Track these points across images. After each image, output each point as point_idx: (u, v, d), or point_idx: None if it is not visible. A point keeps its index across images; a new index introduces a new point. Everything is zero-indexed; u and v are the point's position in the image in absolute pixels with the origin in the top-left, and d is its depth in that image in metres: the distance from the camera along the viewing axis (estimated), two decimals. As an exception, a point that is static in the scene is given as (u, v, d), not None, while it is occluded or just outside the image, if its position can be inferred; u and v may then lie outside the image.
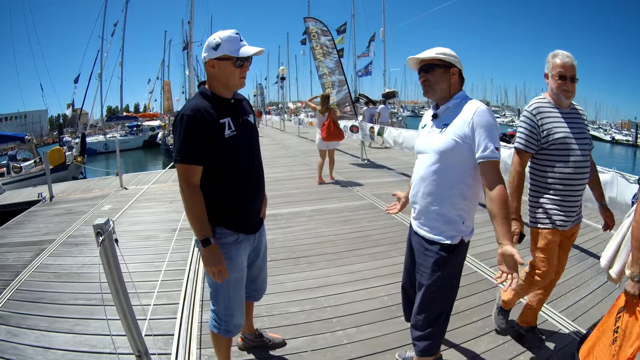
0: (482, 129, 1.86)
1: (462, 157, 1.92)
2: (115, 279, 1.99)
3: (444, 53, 1.99)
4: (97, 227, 1.85)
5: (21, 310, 3.42)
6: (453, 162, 1.94)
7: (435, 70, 2.00)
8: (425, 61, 2.03)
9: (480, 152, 1.86)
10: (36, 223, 6.48)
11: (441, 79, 2.01)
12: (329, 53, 11.16)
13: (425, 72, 2.03)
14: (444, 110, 2.04)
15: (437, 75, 2.01)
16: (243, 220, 2.13)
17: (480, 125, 1.86)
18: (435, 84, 2.02)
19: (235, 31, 1.98)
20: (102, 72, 34.13)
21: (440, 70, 2.00)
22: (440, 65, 1.99)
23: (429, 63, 2.02)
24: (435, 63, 2.00)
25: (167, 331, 2.99)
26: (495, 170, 1.86)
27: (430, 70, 2.01)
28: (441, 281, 2.01)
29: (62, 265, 4.42)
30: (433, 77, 2.01)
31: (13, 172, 15.40)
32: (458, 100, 2.00)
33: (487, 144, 1.84)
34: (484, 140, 1.85)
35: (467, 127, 1.88)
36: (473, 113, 1.89)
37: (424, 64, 2.03)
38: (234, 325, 2.23)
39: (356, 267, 4.03)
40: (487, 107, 1.92)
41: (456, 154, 1.92)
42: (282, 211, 6.18)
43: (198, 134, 1.88)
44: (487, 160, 1.85)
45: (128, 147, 31.30)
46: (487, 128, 1.86)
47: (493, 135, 1.86)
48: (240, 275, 2.18)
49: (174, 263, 4.18)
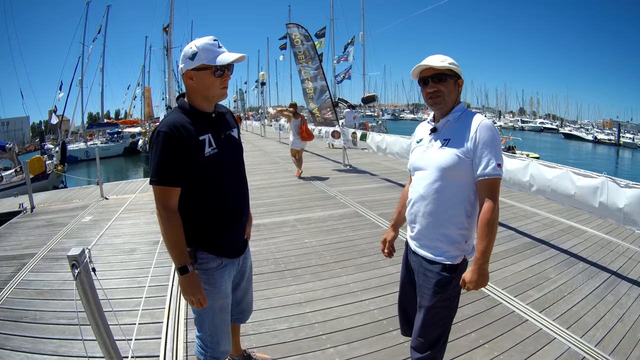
0: (485, 145, 1.77)
1: (466, 174, 1.82)
2: (94, 313, 1.90)
3: (453, 63, 1.89)
4: (72, 259, 1.74)
5: (4, 330, 3.28)
6: (456, 179, 1.84)
7: (447, 81, 1.89)
8: (436, 70, 1.89)
9: (481, 169, 1.77)
10: (17, 235, 6.29)
11: (453, 91, 1.91)
12: (312, 59, 11.08)
13: (437, 83, 1.89)
14: (443, 123, 1.94)
15: (450, 87, 1.90)
16: (227, 244, 2.00)
17: (484, 141, 1.78)
18: (447, 96, 1.90)
19: (212, 38, 1.84)
20: (82, 79, 33.68)
21: (452, 81, 1.90)
22: (452, 75, 1.89)
23: (441, 73, 1.89)
24: (447, 73, 1.88)
25: (152, 352, 2.87)
26: (493, 189, 1.78)
27: (442, 81, 1.89)
28: (443, 302, 1.92)
29: (44, 281, 4.28)
30: (446, 88, 1.89)
31: (-7, 181, 15.07)
32: (458, 114, 1.91)
33: (489, 160, 1.76)
34: (486, 157, 1.77)
35: (470, 142, 1.80)
36: (477, 127, 1.80)
37: (435, 73, 1.89)
38: (220, 352, 2.10)
39: (343, 280, 3.93)
40: (490, 122, 1.84)
41: (459, 170, 1.82)
42: (265, 221, 6.05)
43: (175, 153, 1.75)
44: (488, 178, 1.77)
45: (109, 155, 31.02)
46: (489, 143, 1.77)
47: (496, 151, 1.78)
48: (225, 301, 2.05)
49: (156, 278, 4.05)
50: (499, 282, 3.80)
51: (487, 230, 1.75)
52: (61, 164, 18.49)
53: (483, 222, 1.76)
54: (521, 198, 6.91)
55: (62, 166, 18.39)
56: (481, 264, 1.76)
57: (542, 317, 3.18)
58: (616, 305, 3.39)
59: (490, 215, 1.75)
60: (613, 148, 43.12)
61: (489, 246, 1.76)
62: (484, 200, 1.78)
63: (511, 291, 3.61)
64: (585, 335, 2.94)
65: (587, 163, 28.77)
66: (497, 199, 1.78)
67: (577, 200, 4.39)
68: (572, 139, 50.98)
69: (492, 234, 1.75)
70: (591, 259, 4.37)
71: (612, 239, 5.01)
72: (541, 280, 3.84)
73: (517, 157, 5.68)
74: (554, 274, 3.99)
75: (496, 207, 1.76)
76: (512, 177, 5.42)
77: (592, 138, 48.55)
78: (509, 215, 6.06)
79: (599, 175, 4.15)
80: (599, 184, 4.08)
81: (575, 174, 4.42)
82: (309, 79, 11.34)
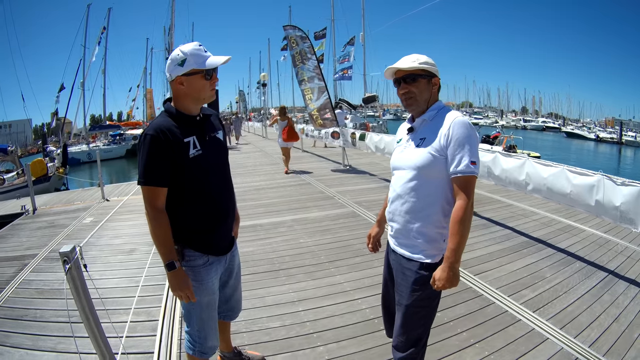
0: (458, 142, 1.76)
1: (441, 172, 1.81)
2: (85, 307, 1.94)
3: (426, 62, 1.88)
4: (63, 255, 1.80)
5: (4, 327, 3.34)
6: (431, 177, 1.84)
7: (419, 81, 1.89)
8: (406, 71, 1.89)
9: (454, 167, 1.76)
10: (19, 237, 6.35)
11: (425, 90, 1.90)
12: (308, 59, 11.07)
13: (408, 84, 1.90)
14: (420, 123, 1.94)
15: (422, 87, 1.89)
16: (213, 242, 2.05)
17: (457, 138, 1.76)
18: (419, 96, 1.90)
19: (198, 43, 1.91)
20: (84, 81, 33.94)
21: (424, 80, 1.89)
22: (424, 75, 1.88)
23: (411, 73, 1.88)
24: (418, 73, 1.88)
25: (147, 349, 2.92)
26: (467, 187, 1.76)
27: (413, 82, 1.89)
28: (421, 301, 1.90)
29: (44, 281, 4.33)
30: (417, 88, 1.89)
31: (-5, 184, 15.20)
32: (435, 112, 1.91)
33: (462, 157, 1.75)
34: (459, 154, 1.75)
35: (444, 140, 1.79)
36: (450, 125, 1.79)
37: (405, 75, 1.89)
38: (208, 347, 2.16)
39: (336, 279, 3.94)
40: (465, 119, 1.82)
41: (434, 169, 1.82)
42: (262, 221, 6.07)
43: (161, 154, 1.81)
44: (461, 175, 1.76)
45: (111, 157, 31.02)
46: (463, 141, 1.75)
47: (470, 148, 1.76)
48: (212, 298, 2.10)
49: (153, 277, 4.09)
50: (493, 281, 3.79)
51: (459, 228, 1.74)
52: (63, 166, 18.59)
53: (455, 219, 1.75)
54: (520, 197, 6.89)
55: (64, 168, 18.49)
56: (452, 262, 1.75)
57: (535, 316, 3.17)
58: (612, 305, 3.37)
59: (462, 213, 1.74)
60: (615, 146, 42.93)
61: (460, 244, 1.75)
62: (457, 199, 1.77)
63: (505, 291, 3.60)
64: (579, 335, 2.92)
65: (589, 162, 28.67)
66: (471, 197, 1.76)
67: (573, 198, 4.38)
68: (574, 138, 50.80)
69: (463, 232, 1.74)
70: (588, 258, 4.35)
71: (611, 238, 4.99)
72: (536, 280, 3.82)
73: (513, 155, 5.68)
74: (550, 273, 3.98)
75: (469, 205, 1.75)
76: (508, 176, 5.42)
77: (594, 137, 48.39)
78: (507, 215, 6.04)
79: (594, 174, 4.13)
80: (595, 182, 4.07)
81: (571, 172, 4.41)
82: (306, 80, 11.34)
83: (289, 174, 10.43)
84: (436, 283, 1.78)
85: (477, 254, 4.49)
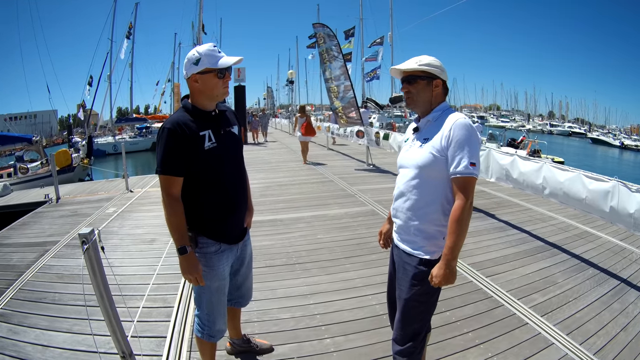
0: (458, 144, 1.81)
1: (441, 172, 1.87)
2: (99, 286, 2.03)
3: (427, 64, 1.93)
4: (82, 237, 1.90)
5: (23, 309, 3.50)
6: (432, 177, 1.90)
7: (417, 82, 1.96)
8: (406, 72, 1.98)
9: (453, 168, 1.81)
10: (41, 224, 6.54)
11: (423, 91, 1.96)
12: (335, 58, 11.11)
13: (408, 84, 1.98)
14: (424, 123, 2.00)
15: (420, 87, 1.96)
16: (224, 230, 2.17)
17: (457, 140, 1.81)
18: (417, 96, 1.98)
19: (212, 44, 2.05)
20: (111, 74, 34.58)
21: (423, 82, 1.95)
22: (423, 76, 1.94)
23: (411, 74, 1.97)
24: (417, 74, 1.95)
25: (161, 333, 3.05)
26: (466, 187, 1.81)
27: (412, 82, 1.97)
28: (420, 296, 1.97)
29: (65, 266, 4.48)
30: (415, 89, 1.97)
31: (20, 173, 15.67)
32: (439, 113, 1.96)
33: (461, 159, 1.79)
34: (459, 155, 1.80)
35: (445, 141, 1.84)
36: (451, 126, 1.84)
37: (406, 75, 1.98)
38: (216, 330, 2.28)
39: (349, 275, 4.02)
40: (466, 121, 1.87)
41: (435, 169, 1.87)
42: (282, 217, 6.19)
43: (177, 146, 1.95)
44: (460, 176, 1.81)
45: (137, 149, 31.38)
46: (463, 142, 1.80)
47: (470, 149, 1.80)
48: (222, 283, 2.22)
49: (171, 267, 4.19)
50: (505, 284, 3.80)
51: (456, 227, 1.79)
52: (87, 158, 18.94)
53: (452, 219, 1.81)
54: (539, 202, 6.81)
55: (89, 159, 18.84)
56: (448, 260, 1.81)
57: (543, 321, 3.17)
58: (621, 314, 3.33)
59: (460, 213, 1.79)
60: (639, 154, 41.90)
61: (457, 243, 1.80)
62: (456, 198, 1.83)
63: (515, 294, 3.61)
64: (585, 342, 2.90)
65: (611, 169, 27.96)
66: (470, 197, 1.81)
67: (589, 204, 4.34)
68: (599, 144, 49.68)
69: (460, 231, 1.79)
70: (602, 265, 4.31)
71: (626, 246, 4.92)
72: (547, 285, 3.81)
73: (530, 159, 5.64)
74: (562, 278, 3.96)
75: (467, 205, 1.79)
76: (526, 180, 5.39)
77: (618, 143, 47.23)
78: (525, 218, 6.00)
79: (610, 179, 4.09)
80: (610, 188, 4.03)
81: (586, 177, 4.38)
82: (333, 79, 11.37)
83: (307, 164, 11.61)
84: (433, 279, 1.85)
85: (492, 256, 4.50)
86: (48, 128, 51.31)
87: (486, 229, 5.49)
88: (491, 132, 23.26)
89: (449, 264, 1.81)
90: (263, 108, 36.14)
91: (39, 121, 49.61)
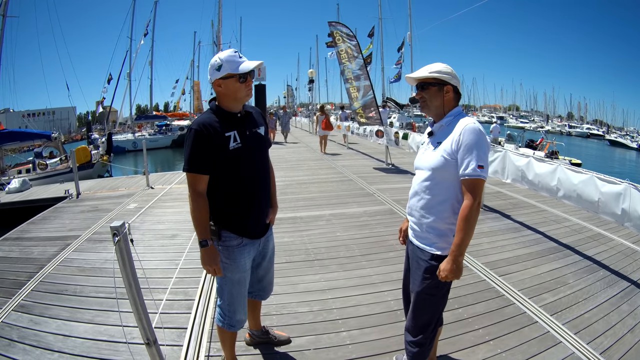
0: (467, 147, 1.92)
1: (452, 174, 1.99)
2: (129, 275, 2.14)
3: (438, 71, 2.07)
4: (113, 229, 2.02)
5: (44, 300, 3.64)
6: (444, 178, 2.03)
7: (429, 89, 2.09)
8: (419, 80, 2.12)
9: (462, 170, 1.94)
10: (62, 219, 6.70)
11: (435, 97, 2.10)
12: (354, 57, 11.12)
13: (421, 90, 2.12)
14: (438, 127, 2.14)
15: (431, 93, 2.10)
16: (247, 226, 2.29)
17: (466, 143, 1.93)
18: (429, 101, 2.11)
19: (233, 50, 2.18)
20: (131, 72, 34.93)
21: (434, 88, 2.08)
22: (434, 83, 2.08)
23: (423, 81, 2.11)
24: (429, 81, 2.09)
25: (182, 325, 3.19)
26: (474, 188, 1.92)
27: (424, 89, 2.11)
28: (430, 289, 2.11)
29: (86, 260, 4.63)
30: (427, 94, 2.11)
31: (39, 168, 15.86)
32: (451, 118, 2.09)
33: (470, 162, 1.91)
34: (467, 158, 1.92)
35: (455, 145, 1.97)
36: (460, 131, 1.96)
37: (419, 82, 2.12)
38: (236, 320, 2.41)
39: (367, 272, 4.14)
40: (476, 126, 1.97)
41: (446, 171, 2.00)
42: (302, 214, 6.34)
43: (203, 146, 2.08)
44: (468, 178, 1.93)
45: (157, 146, 31.66)
46: (471, 146, 1.92)
47: (478, 153, 1.92)
48: (243, 275, 2.34)
49: (193, 261, 4.35)
50: (516, 283, 3.87)
51: (464, 225, 1.92)
52: (107, 154, 19.07)
53: (460, 217, 1.94)
54: (554, 203, 6.80)
55: (108, 156, 18.97)
56: (456, 256, 1.95)
57: (552, 320, 3.24)
58: (629, 316, 3.37)
59: (467, 212, 1.91)
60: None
61: (464, 240, 1.93)
62: (465, 198, 1.95)
63: (526, 293, 3.68)
64: (592, 342, 2.96)
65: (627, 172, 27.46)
66: (477, 198, 1.92)
67: (601, 206, 4.37)
68: (617, 146, 48.83)
69: (467, 229, 1.92)
70: (613, 267, 4.34)
71: (638, 249, 4.93)
72: (559, 285, 3.87)
73: (545, 161, 5.68)
74: (573, 279, 4.01)
75: (474, 205, 1.91)
76: (541, 181, 5.42)
77: (636, 146, 46.36)
78: (539, 220, 6.04)
79: (621, 182, 4.13)
80: (621, 190, 4.06)
81: (599, 179, 4.42)
82: (352, 79, 11.43)
83: (325, 154, 13.80)
84: (441, 273, 1.99)
85: (505, 256, 4.57)
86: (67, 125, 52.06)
87: (501, 229, 5.55)
88: (509, 132, 23.17)
89: (455, 259, 1.95)
90: (283, 106, 36.10)
91: (57, 118, 50.30)
